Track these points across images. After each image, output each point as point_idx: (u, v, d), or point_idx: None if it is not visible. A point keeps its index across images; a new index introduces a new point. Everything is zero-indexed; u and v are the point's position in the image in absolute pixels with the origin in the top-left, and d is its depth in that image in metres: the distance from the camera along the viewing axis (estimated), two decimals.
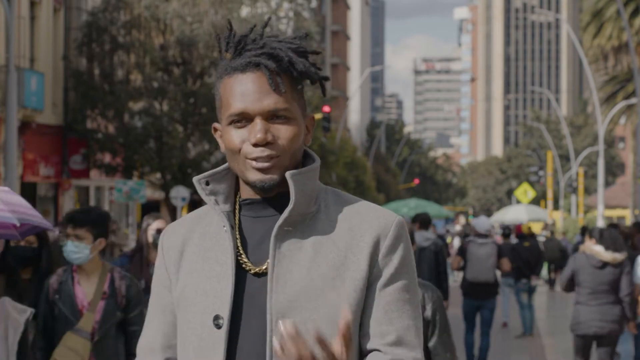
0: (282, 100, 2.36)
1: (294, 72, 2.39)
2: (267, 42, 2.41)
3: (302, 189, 2.39)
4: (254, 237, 2.42)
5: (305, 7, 38.29)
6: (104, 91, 31.72)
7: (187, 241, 2.48)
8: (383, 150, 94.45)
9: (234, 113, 2.37)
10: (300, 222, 2.39)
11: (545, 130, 79.06)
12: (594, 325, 10.35)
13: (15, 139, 22.98)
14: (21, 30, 28.44)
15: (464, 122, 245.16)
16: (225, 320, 2.35)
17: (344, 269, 2.37)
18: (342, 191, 2.51)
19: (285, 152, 2.37)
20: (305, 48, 2.43)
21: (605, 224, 36.44)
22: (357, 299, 2.37)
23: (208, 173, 2.46)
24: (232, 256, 2.38)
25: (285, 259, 2.36)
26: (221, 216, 2.41)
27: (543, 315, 22.79)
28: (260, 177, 2.36)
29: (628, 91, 44.20)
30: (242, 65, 2.38)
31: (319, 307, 2.34)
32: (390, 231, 2.42)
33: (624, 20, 30.03)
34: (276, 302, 2.33)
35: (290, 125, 2.38)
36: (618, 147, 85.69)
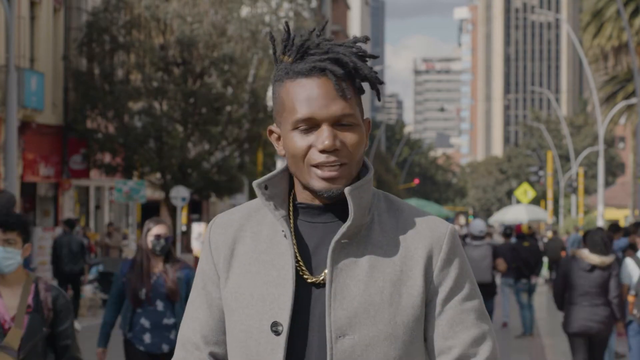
0: (348, 106, 2.34)
1: (357, 78, 2.37)
2: (331, 47, 2.37)
3: (360, 202, 2.36)
4: (310, 244, 2.40)
5: (305, 7, 38.30)
6: (104, 91, 31.72)
7: (239, 239, 2.45)
8: (383, 150, 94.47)
9: (301, 118, 2.33)
10: (356, 233, 2.38)
11: (545, 130, 79.08)
12: (583, 325, 10.66)
13: (15, 139, 22.98)
14: (21, 30, 28.44)
15: (464, 122, 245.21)
16: (284, 328, 2.33)
17: (400, 283, 2.37)
18: (392, 196, 2.49)
19: (351, 159, 2.35)
20: (366, 52, 2.41)
21: (605, 224, 36.45)
22: (415, 315, 2.37)
23: (266, 177, 2.43)
24: (292, 263, 2.36)
25: (342, 274, 2.35)
26: (281, 222, 2.39)
27: (543, 315, 22.79)
28: (326, 186, 2.34)
29: (628, 91, 44.20)
30: (306, 69, 2.34)
31: (377, 323, 2.33)
32: (444, 243, 2.41)
33: (624, 20, 30.03)
34: (335, 318, 2.32)
35: (356, 131, 2.36)
36: (618, 147, 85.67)
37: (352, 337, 2.32)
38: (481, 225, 15.42)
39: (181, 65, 32.18)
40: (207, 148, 33.02)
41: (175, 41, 31.70)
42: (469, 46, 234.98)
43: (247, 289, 2.40)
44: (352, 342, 2.32)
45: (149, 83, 31.96)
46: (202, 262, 2.51)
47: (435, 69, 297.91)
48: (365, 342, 2.32)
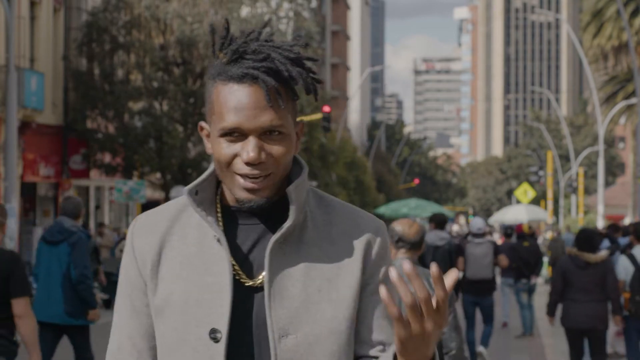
0: (278, 117, 2.28)
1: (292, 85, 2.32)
2: (267, 53, 2.31)
3: (299, 202, 2.35)
4: (244, 247, 2.36)
5: (305, 7, 38.30)
6: (104, 91, 31.73)
7: (165, 243, 2.39)
8: (383, 150, 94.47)
9: (227, 127, 2.28)
10: (291, 232, 2.35)
11: (545, 130, 79.09)
12: (580, 321, 10.99)
13: (15, 139, 22.99)
14: (21, 30, 28.45)
15: (464, 122, 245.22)
16: (223, 334, 2.29)
17: (338, 279, 2.36)
18: (319, 191, 2.47)
19: (276, 169, 2.30)
20: (304, 56, 2.35)
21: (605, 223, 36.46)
22: (355, 309, 2.37)
23: (197, 182, 2.37)
24: (228, 269, 2.32)
25: (280, 274, 2.33)
26: (214, 227, 2.34)
27: (543, 315, 22.78)
28: (248, 196, 2.30)
29: (628, 91, 44.21)
30: (239, 75, 2.29)
31: (319, 320, 2.32)
32: (379, 237, 2.41)
33: (624, 20, 30.03)
34: (276, 318, 2.30)
35: (284, 141, 2.30)
36: (618, 147, 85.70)
37: (294, 336, 2.30)
38: (479, 223, 15.83)
39: (181, 65, 32.19)
40: None
41: (175, 41, 31.71)
42: (469, 46, 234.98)
43: (180, 295, 2.33)
44: (296, 342, 2.30)
45: (149, 83, 31.97)
46: (125, 268, 2.42)
47: (435, 69, 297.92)
48: (308, 341, 2.31)
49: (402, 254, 6.43)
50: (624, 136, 77.32)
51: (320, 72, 75.92)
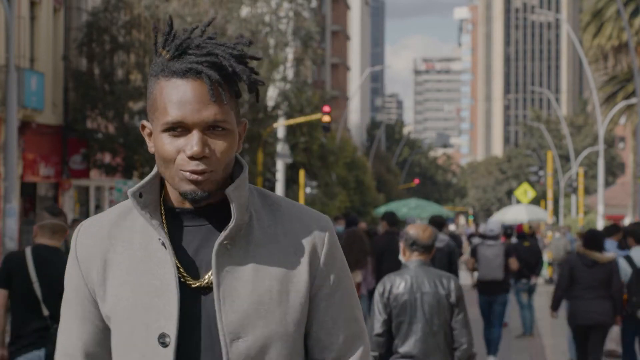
0: (222, 112, 2.27)
1: (235, 82, 2.32)
2: (210, 49, 2.30)
3: (240, 202, 2.32)
4: (189, 249, 2.34)
5: (305, 7, 38.28)
6: (104, 91, 31.74)
7: (109, 249, 2.36)
8: (383, 150, 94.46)
9: (171, 122, 2.27)
10: (237, 233, 2.33)
11: (545, 130, 79.07)
12: (587, 317, 11.39)
13: (15, 139, 22.99)
14: (21, 30, 28.45)
15: (464, 122, 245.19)
16: (172, 339, 2.27)
17: (287, 280, 2.34)
18: (264, 190, 2.44)
19: (219, 165, 2.29)
20: (247, 54, 2.34)
21: (605, 223, 36.44)
22: (303, 312, 2.35)
23: (140, 184, 2.35)
24: (173, 271, 2.29)
25: (228, 276, 2.30)
26: (158, 230, 2.31)
27: (543, 315, 22.78)
28: (193, 188, 2.28)
29: (628, 91, 44.19)
30: (182, 70, 2.27)
31: (269, 323, 2.31)
32: (327, 237, 2.38)
33: (624, 20, 30.03)
34: (227, 322, 2.28)
35: (228, 137, 2.29)
36: (618, 147, 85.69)
37: (245, 339, 2.28)
38: (491, 225, 16.17)
39: None
40: None
41: None
42: (469, 46, 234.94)
43: (127, 300, 2.32)
44: (247, 344, 2.29)
45: None
46: (70, 275, 2.41)
47: (435, 69, 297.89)
48: (259, 343, 2.29)
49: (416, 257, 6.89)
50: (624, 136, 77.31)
51: (320, 72, 75.90)
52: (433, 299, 6.83)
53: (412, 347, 6.84)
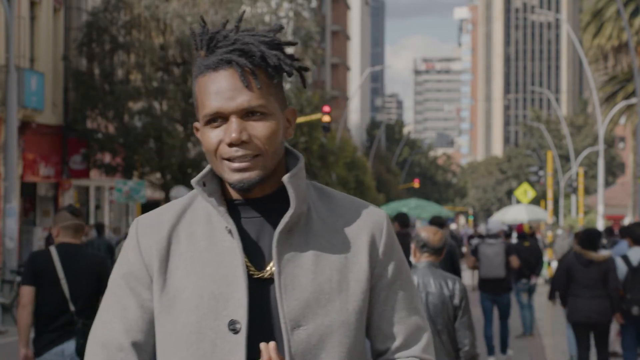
0: (256, 97, 2.31)
1: (267, 67, 2.34)
2: (238, 37, 2.35)
3: (298, 190, 2.35)
4: (248, 240, 2.37)
5: (305, 7, 38.30)
6: (104, 91, 31.74)
7: (173, 239, 2.39)
8: (383, 150, 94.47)
9: (209, 113, 2.32)
10: (296, 223, 2.36)
11: (545, 130, 79.09)
12: (585, 315, 11.76)
13: (15, 139, 22.99)
14: (21, 30, 28.45)
15: (464, 122, 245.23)
16: (243, 325, 2.30)
17: (347, 270, 2.36)
18: (318, 183, 2.48)
19: (263, 149, 2.32)
20: (279, 40, 2.37)
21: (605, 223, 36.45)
22: (364, 301, 2.37)
23: (202, 174, 2.39)
24: (241, 259, 2.33)
25: (289, 265, 2.33)
26: (226, 217, 2.35)
27: (543, 315, 22.78)
28: (239, 177, 2.32)
29: (628, 91, 44.19)
30: (214, 63, 2.33)
31: (330, 312, 2.33)
32: (384, 228, 2.42)
33: (624, 20, 30.03)
34: (288, 310, 2.31)
35: (267, 121, 2.32)
36: (618, 147, 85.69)
37: (306, 328, 2.31)
38: (491, 224, 16.73)
39: (181, 65, 32.19)
40: None
41: (175, 41, 31.71)
42: (469, 46, 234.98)
43: (193, 290, 2.34)
44: (307, 332, 2.31)
45: (149, 83, 31.97)
46: (128, 263, 2.42)
47: (435, 69, 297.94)
48: (320, 332, 2.31)
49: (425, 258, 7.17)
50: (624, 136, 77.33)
51: (320, 72, 75.90)
52: (437, 299, 7.03)
53: None
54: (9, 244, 22.37)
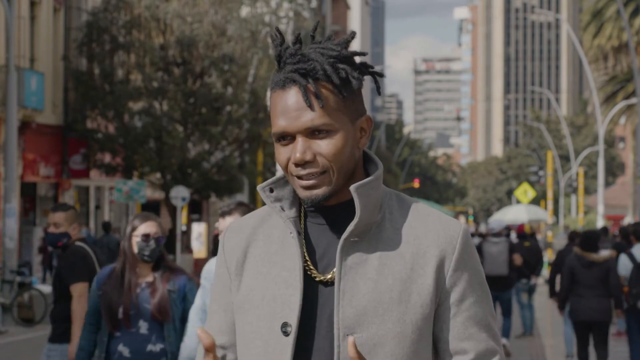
0: (319, 115, 2.33)
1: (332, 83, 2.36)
2: (304, 54, 2.37)
3: (367, 200, 2.36)
4: (320, 245, 2.40)
5: (305, 7, 38.30)
6: (104, 91, 31.73)
7: (251, 242, 2.47)
8: (383, 150, 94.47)
9: (277, 132, 2.37)
10: (366, 232, 2.38)
11: (545, 130, 79.09)
12: (586, 314, 12.27)
13: (15, 139, 22.99)
14: (21, 30, 28.45)
15: (464, 122, 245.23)
16: (293, 328, 2.33)
17: (411, 282, 2.36)
18: (404, 195, 2.49)
19: (329, 166, 2.34)
20: (347, 52, 2.39)
21: (605, 224, 36.45)
22: (424, 314, 2.36)
23: (272, 180, 2.45)
24: (300, 263, 2.37)
25: (351, 272, 2.35)
26: (287, 222, 2.40)
27: (543, 315, 22.79)
28: (307, 194, 2.36)
29: (628, 91, 44.20)
30: (281, 81, 2.36)
31: (386, 321, 2.33)
32: (458, 244, 2.40)
33: (624, 20, 30.03)
34: (343, 316, 2.32)
35: (333, 138, 2.34)
36: (618, 147, 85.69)
37: (360, 336, 2.31)
38: (493, 223, 17.33)
39: (181, 65, 32.19)
40: (207, 148, 33.03)
41: (175, 41, 31.71)
42: (468, 46, 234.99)
43: (258, 290, 2.40)
44: (360, 341, 2.31)
45: (149, 83, 31.97)
46: (217, 266, 2.53)
47: (435, 69, 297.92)
48: (373, 341, 2.32)
49: None
50: (624, 136, 77.33)
51: None
52: None
53: None
54: (9, 244, 22.37)
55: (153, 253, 6.17)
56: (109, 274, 6.24)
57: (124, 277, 6.17)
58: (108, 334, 6.18)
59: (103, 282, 6.22)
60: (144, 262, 6.19)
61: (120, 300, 6.11)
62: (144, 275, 6.22)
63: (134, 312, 6.13)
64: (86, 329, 6.32)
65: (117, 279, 6.18)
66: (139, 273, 6.21)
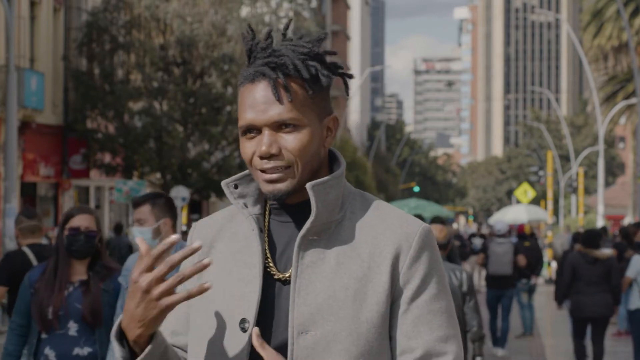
0: (288, 109, 2.34)
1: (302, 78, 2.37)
2: (275, 49, 2.38)
3: (324, 198, 2.36)
4: (281, 242, 2.41)
5: (305, 7, 38.30)
6: (104, 91, 31.73)
7: (217, 239, 2.48)
8: (383, 150, 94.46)
9: (243, 125, 2.37)
10: (325, 230, 2.38)
11: (545, 130, 79.07)
12: (590, 310, 12.58)
13: (15, 139, 22.99)
14: (21, 30, 28.44)
15: (464, 122, 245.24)
16: (250, 324, 2.34)
17: (367, 280, 2.36)
18: (369, 195, 2.48)
19: (294, 161, 2.35)
20: (318, 50, 2.40)
21: (605, 224, 36.45)
22: (379, 312, 2.35)
23: (236, 176, 2.45)
24: (260, 260, 2.38)
25: (308, 270, 2.35)
26: (250, 219, 2.41)
27: (543, 315, 22.78)
28: (271, 188, 2.36)
29: (628, 91, 44.20)
30: (250, 75, 2.37)
31: (341, 320, 2.33)
32: (414, 241, 2.39)
33: (624, 20, 30.04)
34: (298, 314, 2.33)
35: (300, 133, 2.35)
36: (618, 147, 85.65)
37: (314, 334, 2.31)
38: (500, 224, 17.67)
39: (181, 65, 32.19)
40: (207, 148, 33.02)
41: (175, 41, 31.70)
42: (468, 46, 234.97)
43: (220, 286, 2.41)
44: (314, 339, 2.31)
45: (149, 83, 31.97)
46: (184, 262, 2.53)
47: (435, 69, 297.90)
48: (327, 339, 2.31)
49: None
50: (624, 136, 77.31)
51: None
52: None
53: None
54: (9, 244, 22.37)
55: (82, 248, 5.68)
56: (42, 271, 5.79)
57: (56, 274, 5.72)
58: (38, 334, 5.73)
59: (36, 280, 5.76)
60: (76, 259, 5.74)
61: (51, 299, 5.66)
62: (77, 273, 5.77)
63: (63, 312, 5.67)
64: (14, 332, 5.84)
65: (50, 277, 5.72)
66: (72, 271, 5.75)
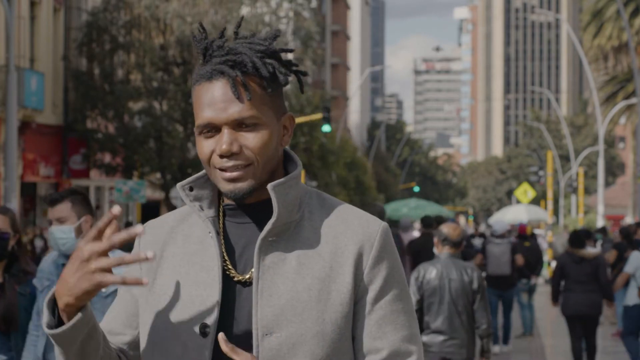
0: (247, 108, 2.32)
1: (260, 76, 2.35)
2: (232, 47, 2.36)
3: (285, 199, 2.35)
4: (239, 244, 2.38)
5: (305, 7, 38.29)
6: (104, 91, 31.73)
7: (169, 241, 2.44)
8: (383, 150, 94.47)
9: (201, 124, 2.34)
10: (284, 231, 2.36)
11: (545, 130, 79.07)
12: (577, 308, 12.93)
13: (15, 139, 22.99)
14: (21, 30, 28.44)
15: (464, 122, 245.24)
16: (212, 329, 2.31)
17: (330, 280, 2.34)
18: (326, 194, 2.47)
19: (254, 159, 2.33)
20: (275, 48, 2.38)
21: (605, 224, 36.45)
22: (343, 313, 2.34)
23: (191, 178, 2.42)
24: (218, 263, 2.35)
25: (269, 271, 2.33)
26: (206, 222, 2.38)
27: (543, 315, 22.78)
28: (231, 187, 2.33)
29: (628, 91, 44.21)
30: (208, 73, 2.34)
31: (305, 321, 2.31)
32: (376, 241, 2.38)
33: (624, 20, 30.04)
34: (262, 316, 2.31)
35: (259, 131, 2.33)
36: (618, 147, 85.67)
37: (278, 335, 2.30)
38: (498, 225, 17.65)
39: (181, 65, 32.19)
40: None
41: (175, 41, 31.71)
42: (469, 46, 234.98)
43: (176, 291, 2.38)
44: (279, 340, 2.30)
45: (149, 83, 31.97)
46: None
47: (435, 69, 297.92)
48: (292, 340, 2.30)
49: (447, 250, 8.48)
50: (624, 136, 77.31)
51: (320, 72, 75.91)
52: (459, 285, 8.37)
53: (441, 323, 8.43)
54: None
55: None
56: None
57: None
58: None
59: None
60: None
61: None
62: None
63: None
64: None
65: None
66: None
